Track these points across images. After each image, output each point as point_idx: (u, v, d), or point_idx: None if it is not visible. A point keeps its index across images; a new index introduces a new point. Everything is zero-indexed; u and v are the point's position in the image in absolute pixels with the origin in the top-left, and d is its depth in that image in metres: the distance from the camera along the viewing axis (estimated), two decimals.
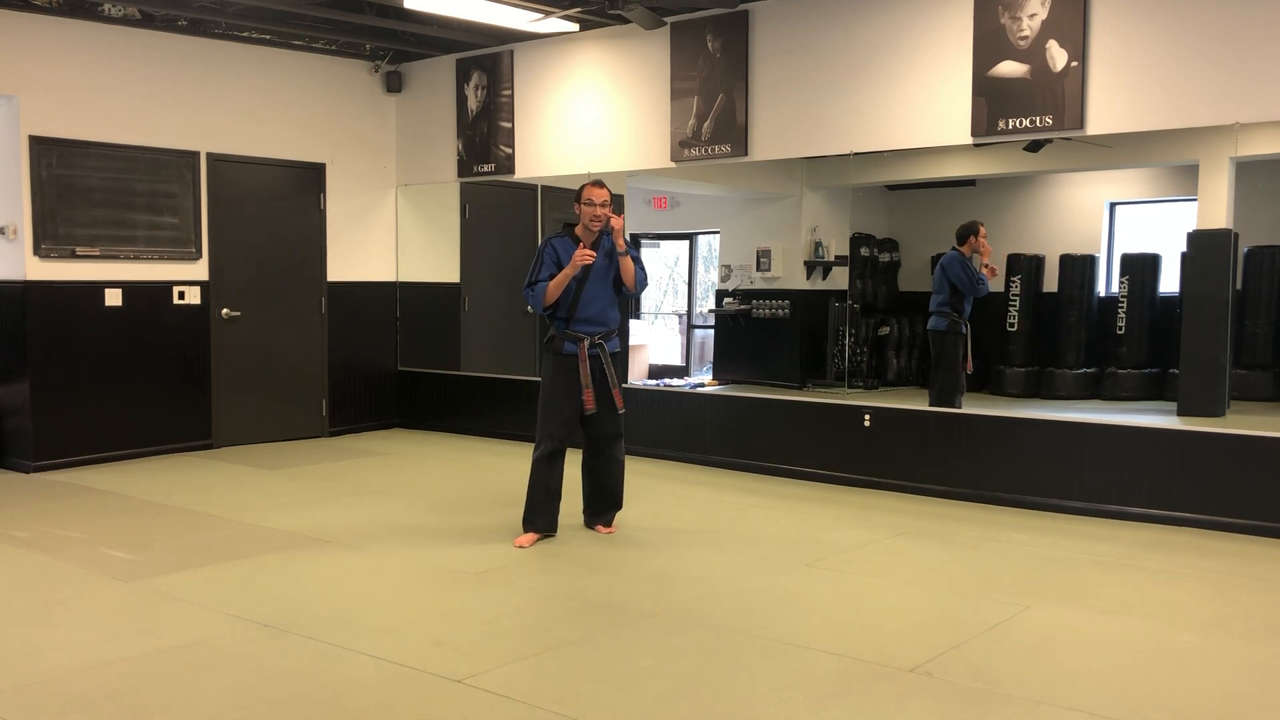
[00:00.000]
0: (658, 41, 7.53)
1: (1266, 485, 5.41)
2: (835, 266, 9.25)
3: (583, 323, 5.26)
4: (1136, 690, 3.44)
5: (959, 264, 7.46)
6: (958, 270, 7.45)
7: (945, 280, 7.49)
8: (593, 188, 5.23)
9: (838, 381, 9.16)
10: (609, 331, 5.34)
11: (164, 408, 7.83)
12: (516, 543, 5.21)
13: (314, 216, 8.73)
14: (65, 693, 3.42)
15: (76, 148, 7.33)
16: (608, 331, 5.33)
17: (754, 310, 9.69)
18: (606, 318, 5.32)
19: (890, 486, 6.55)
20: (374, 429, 9.11)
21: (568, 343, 5.25)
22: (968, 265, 7.47)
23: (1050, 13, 5.93)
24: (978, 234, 7.52)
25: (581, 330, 5.26)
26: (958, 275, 7.44)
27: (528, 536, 5.25)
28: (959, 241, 7.54)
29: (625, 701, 3.33)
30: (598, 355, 5.25)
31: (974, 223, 7.60)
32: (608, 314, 5.33)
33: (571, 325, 5.26)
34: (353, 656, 3.72)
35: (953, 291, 7.47)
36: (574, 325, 5.26)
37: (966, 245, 7.50)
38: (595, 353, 5.25)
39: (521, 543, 5.21)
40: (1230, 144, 6.01)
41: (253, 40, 8.21)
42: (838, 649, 3.78)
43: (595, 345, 5.25)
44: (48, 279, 7.22)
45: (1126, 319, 8.77)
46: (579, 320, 5.26)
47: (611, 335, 5.36)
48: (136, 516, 5.92)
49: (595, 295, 5.27)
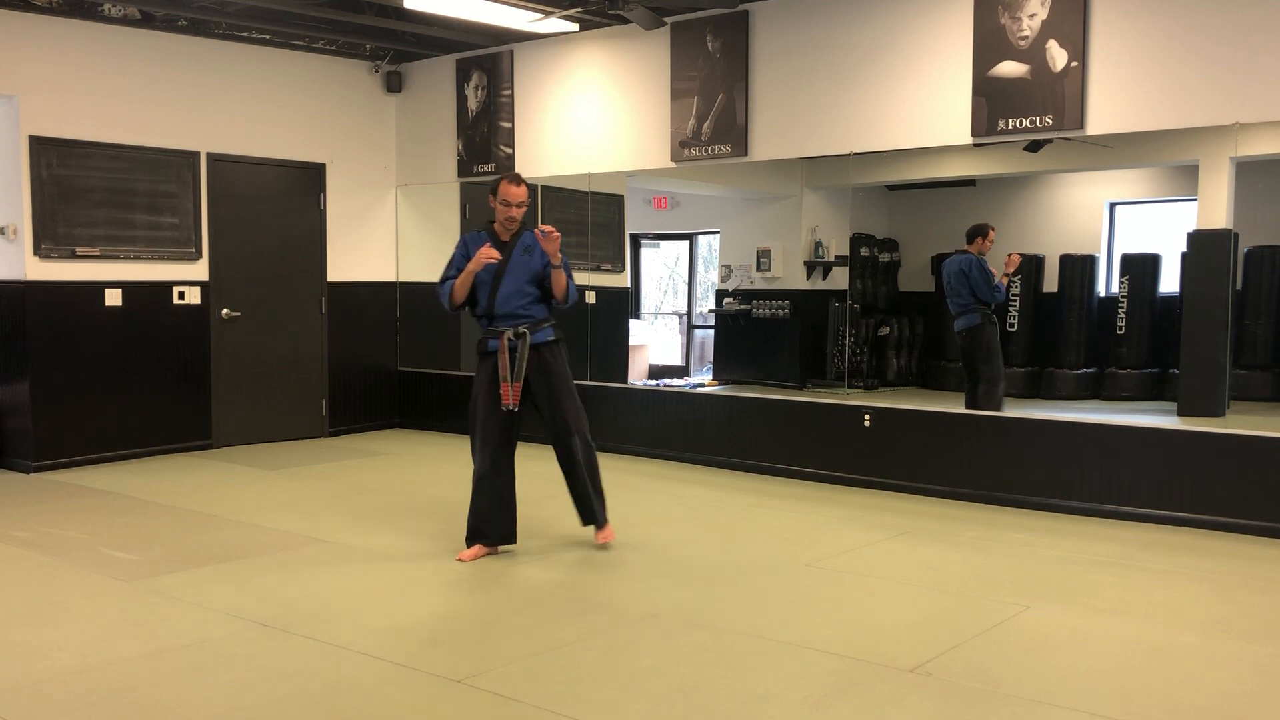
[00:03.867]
0: (658, 41, 7.54)
1: (1266, 485, 5.41)
2: (835, 266, 9.25)
3: (502, 318, 5.00)
4: (1136, 690, 3.44)
5: (979, 268, 7.42)
6: (978, 275, 7.41)
7: (966, 284, 7.47)
8: (509, 185, 4.98)
9: (838, 382, 9.15)
10: (536, 322, 5.02)
11: (164, 408, 7.83)
12: (459, 557, 4.97)
13: (314, 216, 8.73)
14: (65, 693, 3.42)
15: (76, 148, 7.33)
16: (534, 322, 5.01)
17: (754, 310, 9.68)
18: (531, 310, 5.03)
19: (890, 486, 6.55)
20: (374, 429, 9.11)
21: (490, 340, 5.00)
22: (987, 270, 7.43)
23: (1050, 13, 5.93)
24: (987, 235, 7.51)
25: (502, 326, 5.00)
26: (978, 281, 7.41)
27: (471, 550, 4.99)
28: (968, 241, 7.52)
29: (625, 701, 3.33)
30: (517, 348, 4.95)
31: (984, 224, 7.59)
32: (530, 307, 5.03)
33: (493, 323, 5.03)
34: (353, 656, 3.72)
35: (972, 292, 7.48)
36: (495, 322, 5.02)
37: (975, 245, 7.49)
38: (515, 345, 4.95)
39: (464, 557, 4.96)
40: (1230, 144, 6.01)
41: (253, 40, 8.21)
42: (838, 649, 3.78)
43: (517, 336, 4.96)
44: (48, 279, 7.22)
45: (1126, 319, 8.77)
46: (499, 317, 5.00)
47: (541, 326, 5.03)
48: (136, 517, 5.92)
49: (513, 291, 4.99)
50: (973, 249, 7.52)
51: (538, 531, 5.43)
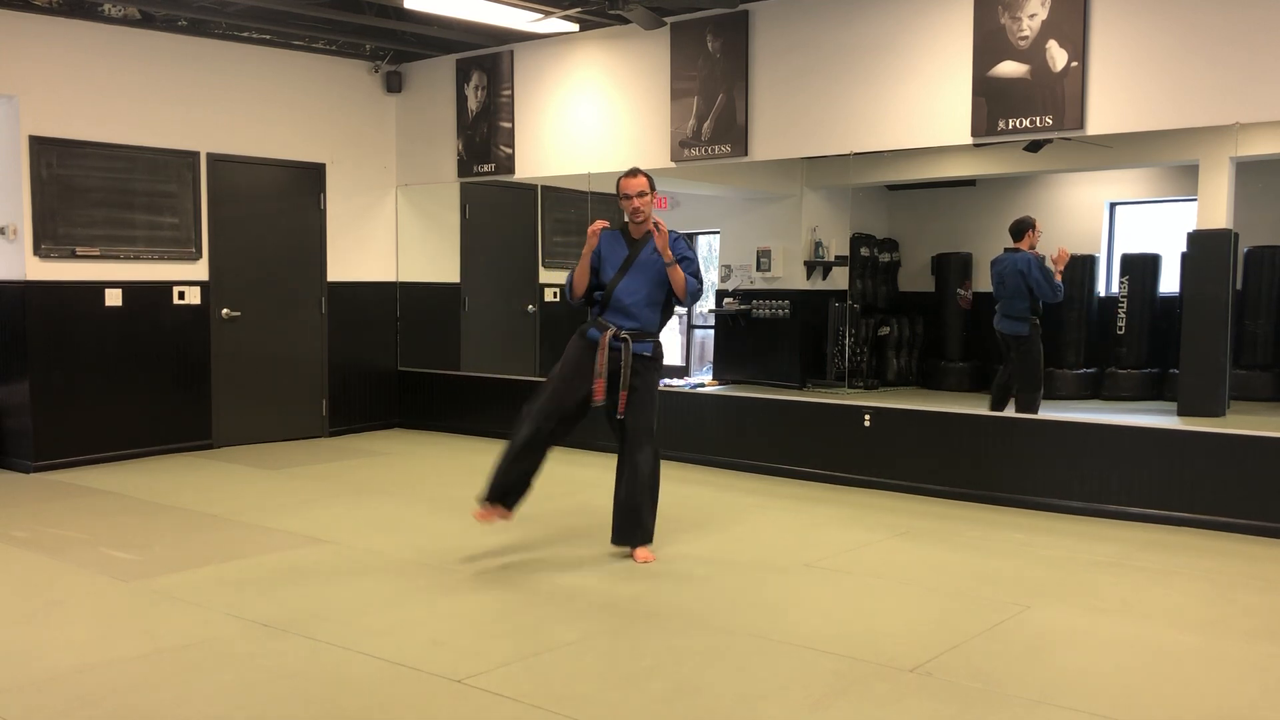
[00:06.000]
0: (658, 41, 7.53)
1: (1266, 485, 5.41)
2: (835, 266, 9.25)
3: (615, 312, 4.88)
4: (1136, 690, 3.44)
5: (1039, 267, 7.02)
6: (1039, 276, 7.00)
7: (1024, 285, 7.07)
8: (623, 178, 4.90)
9: (838, 381, 9.16)
10: (641, 331, 4.89)
11: (164, 408, 7.83)
12: (476, 514, 4.89)
13: (314, 216, 8.73)
14: (65, 693, 3.42)
15: (76, 148, 7.33)
16: (639, 331, 4.89)
17: (754, 310, 9.69)
18: (642, 315, 4.89)
19: (890, 486, 6.55)
20: (374, 429, 9.11)
21: (593, 328, 4.89)
22: (1047, 269, 7.05)
23: (1050, 13, 5.93)
24: (1034, 229, 7.17)
25: (611, 320, 4.87)
26: (1036, 278, 7.01)
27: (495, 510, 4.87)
28: (1016, 238, 7.20)
29: (625, 701, 3.33)
30: (619, 350, 4.83)
31: (1029, 217, 7.29)
32: (644, 311, 4.90)
33: (604, 313, 4.91)
34: (352, 656, 3.72)
35: (1031, 294, 7.10)
36: (606, 314, 4.90)
37: (1025, 240, 7.17)
38: (618, 345, 4.83)
39: (482, 516, 4.87)
40: (1230, 144, 6.02)
41: (253, 40, 8.21)
42: (838, 649, 3.78)
43: (619, 339, 4.83)
44: (48, 279, 7.22)
45: (1126, 319, 8.77)
46: (612, 309, 4.88)
47: (644, 337, 4.90)
48: (136, 516, 5.92)
49: (635, 287, 4.88)
50: (1024, 245, 7.18)
51: (538, 532, 5.42)
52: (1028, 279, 7.10)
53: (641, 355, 4.89)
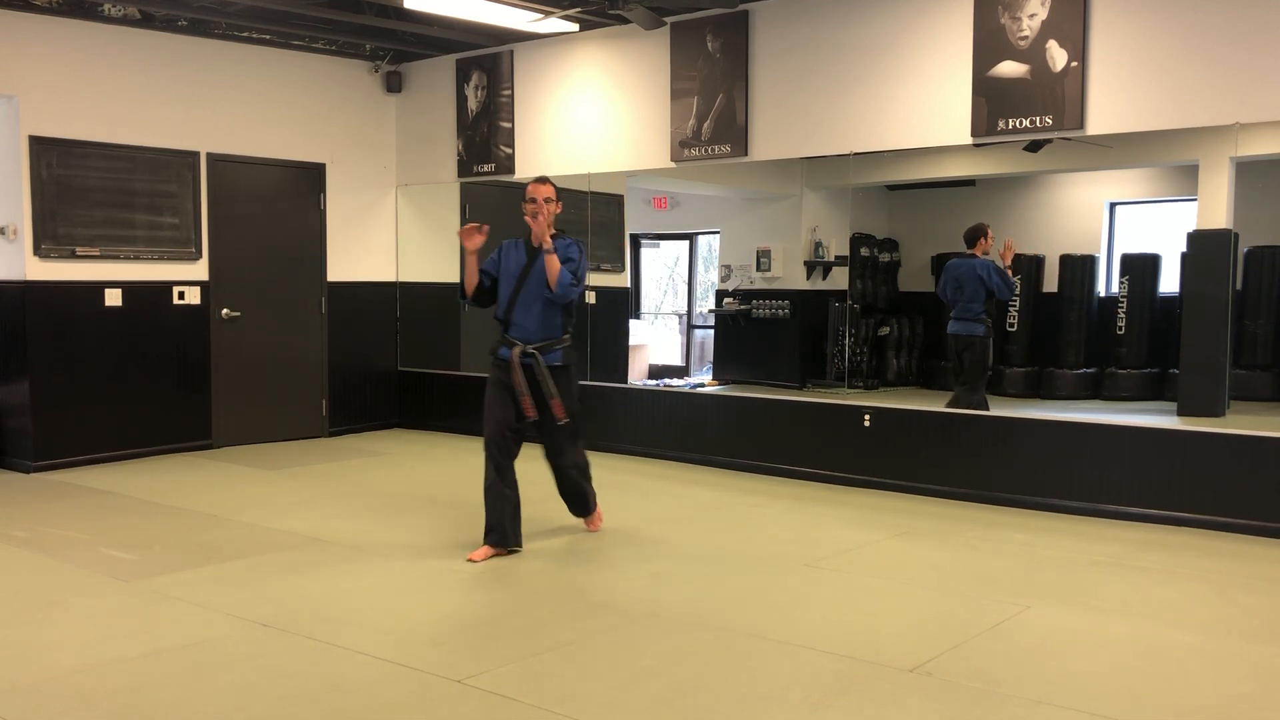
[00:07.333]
0: (658, 41, 7.53)
1: (1266, 485, 5.41)
2: (835, 266, 9.25)
3: (516, 327, 5.00)
4: (1136, 690, 3.44)
5: (996, 271, 7.44)
6: (996, 277, 7.43)
7: (983, 287, 7.46)
8: (532, 183, 5.06)
9: (838, 382, 9.15)
10: (548, 343, 5.00)
11: (164, 408, 7.83)
12: (469, 557, 4.94)
13: (314, 216, 8.73)
14: (65, 693, 3.42)
15: (76, 148, 7.33)
16: (546, 343, 4.99)
17: (754, 310, 9.68)
18: (544, 325, 4.99)
19: (890, 486, 6.55)
20: (374, 429, 9.11)
21: (503, 347, 5.01)
22: (1003, 270, 7.47)
23: (1050, 13, 5.93)
24: (987, 236, 7.53)
25: (515, 336, 4.99)
26: (997, 283, 7.44)
27: (481, 550, 4.96)
28: (970, 245, 7.55)
29: (625, 701, 3.33)
30: (531, 366, 4.95)
31: (983, 224, 7.61)
32: (544, 322, 4.99)
33: (508, 330, 5.03)
34: (353, 656, 3.72)
35: (988, 296, 7.50)
36: (510, 330, 5.02)
37: (979, 246, 7.51)
38: (528, 362, 4.95)
39: (474, 557, 4.93)
40: (1230, 144, 6.01)
41: (253, 40, 8.21)
42: (838, 649, 3.78)
43: (528, 355, 4.95)
44: (48, 279, 7.22)
45: (1126, 319, 8.77)
46: (514, 325, 5.00)
47: (552, 348, 5.01)
48: (136, 516, 5.92)
49: (531, 298, 4.97)
50: (978, 251, 7.52)
51: (538, 532, 5.42)
52: (988, 283, 7.46)
53: (554, 366, 5.04)
